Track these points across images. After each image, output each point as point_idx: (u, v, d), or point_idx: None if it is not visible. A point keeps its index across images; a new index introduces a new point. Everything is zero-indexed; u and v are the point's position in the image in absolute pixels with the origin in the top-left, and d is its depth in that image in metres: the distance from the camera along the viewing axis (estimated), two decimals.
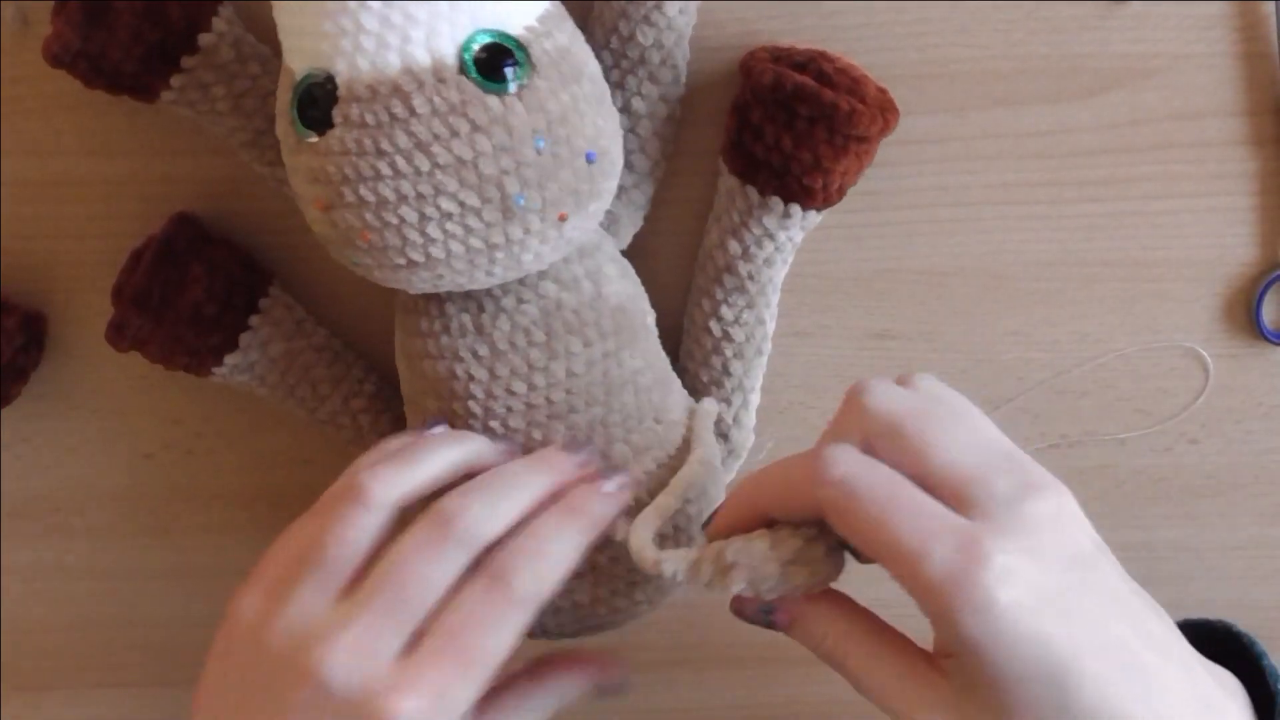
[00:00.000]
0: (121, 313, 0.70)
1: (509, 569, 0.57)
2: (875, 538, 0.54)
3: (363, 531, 0.58)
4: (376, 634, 0.55)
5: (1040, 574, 0.52)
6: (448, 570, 0.57)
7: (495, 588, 0.56)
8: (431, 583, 0.57)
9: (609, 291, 0.66)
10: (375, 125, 0.56)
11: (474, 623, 0.56)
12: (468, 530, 0.58)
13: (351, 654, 0.55)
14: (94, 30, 0.64)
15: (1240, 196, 0.73)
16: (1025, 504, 0.54)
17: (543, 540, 0.59)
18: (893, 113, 0.66)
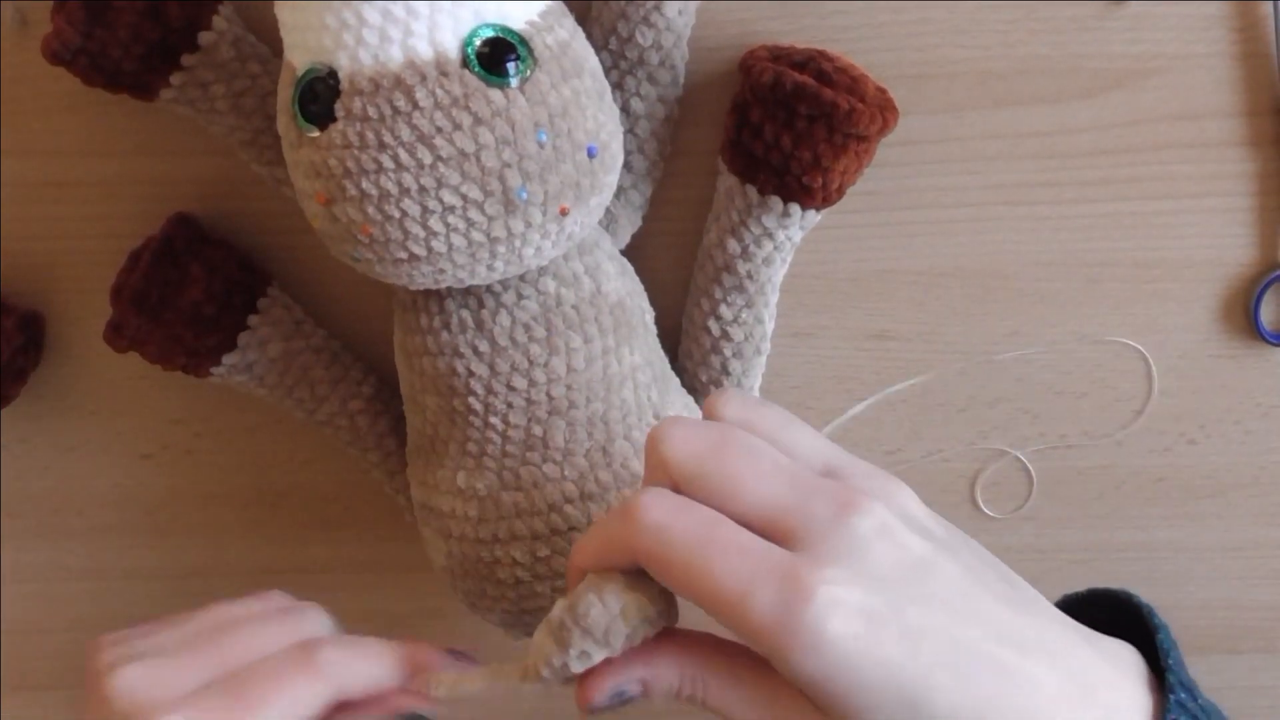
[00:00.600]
0: (120, 313, 0.70)
1: (324, 647, 0.56)
2: (694, 585, 0.51)
3: None
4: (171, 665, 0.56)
5: (871, 596, 0.50)
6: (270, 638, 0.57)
7: (303, 655, 0.56)
8: (250, 643, 0.57)
9: (608, 288, 0.66)
10: (377, 118, 0.57)
11: (267, 675, 0.55)
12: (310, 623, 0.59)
13: (146, 676, 0.55)
14: (94, 28, 0.64)
15: (1239, 197, 0.73)
16: (845, 524, 0.51)
17: (371, 654, 0.58)
18: (892, 112, 0.66)
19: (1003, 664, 0.51)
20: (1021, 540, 0.80)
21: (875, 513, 0.52)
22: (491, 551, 0.67)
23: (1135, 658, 0.57)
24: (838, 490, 0.53)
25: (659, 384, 0.69)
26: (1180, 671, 0.56)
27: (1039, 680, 0.51)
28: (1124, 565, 0.80)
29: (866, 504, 0.52)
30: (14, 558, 0.81)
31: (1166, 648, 0.56)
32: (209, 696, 0.55)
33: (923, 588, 0.51)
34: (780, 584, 0.49)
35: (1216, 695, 0.82)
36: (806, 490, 0.53)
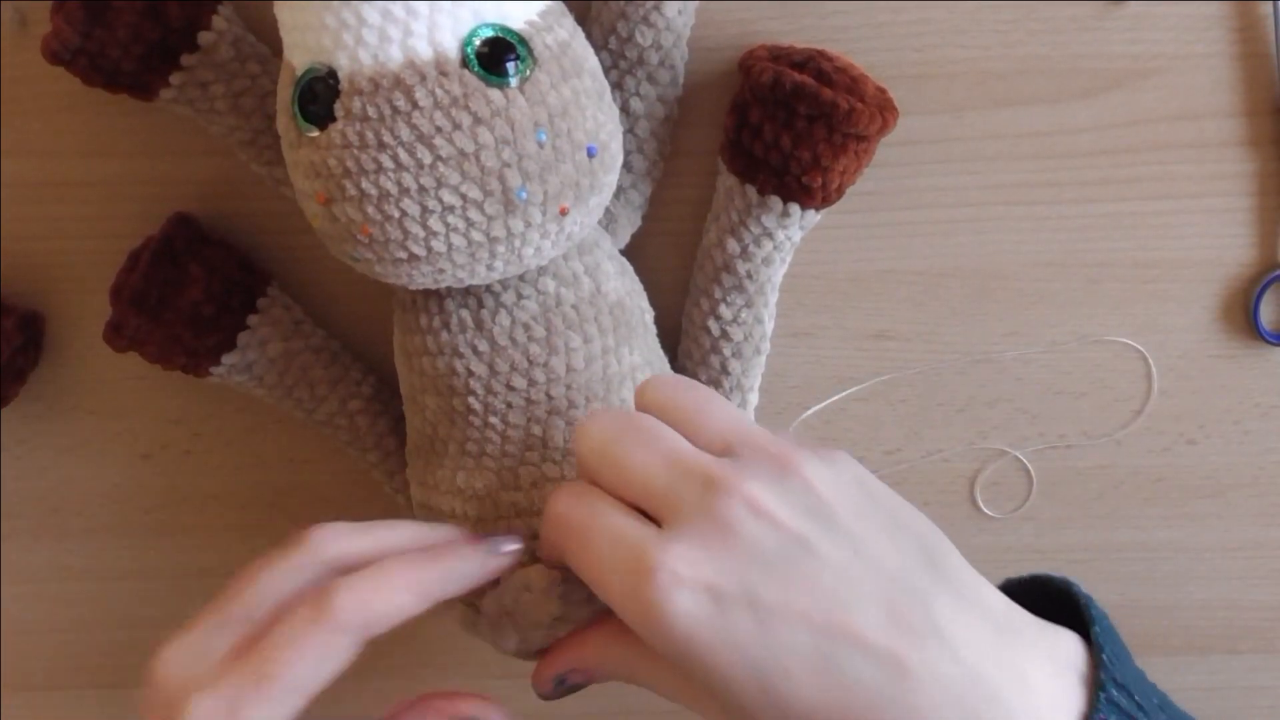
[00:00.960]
0: (119, 313, 0.70)
1: (336, 593, 0.55)
2: (580, 572, 0.55)
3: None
4: (205, 635, 0.56)
5: (722, 576, 0.51)
6: (283, 582, 0.56)
7: (316, 609, 0.55)
8: (264, 591, 0.56)
9: (608, 288, 0.66)
10: (377, 118, 0.57)
11: (283, 640, 0.54)
12: (314, 545, 0.57)
13: (181, 651, 0.55)
14: (93, 28, 0.64)
15: (1238, 197, 0.73)
16: (707, 506, 0.53)
17: (385, 575, 0.56)
18: (891, 112, 0.66)
19: (880, 655, 0.51)
20: (1021, 540, 0.80)
21: (743, 493, 0.53)
22: None
23: (1076, 649, 0.56)
24: (711, 471, 0.54)
25: None
26: (1117, 666, 0.55)
27: (928, 675, 0.51)
28: (1123, 565, 0.80)
29: (735, 484, 0.53)
30: (13, 558, 0.81)
31: (1101, 641, 0.56)
32: (234, 670, 0.54)
33: (790, 570, 0.52)
34: (629, 565, 0.52)
35: (1215, 695, 0.83)
36: (681, 472, 0.54)
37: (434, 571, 0.58)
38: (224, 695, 0.53)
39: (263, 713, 0.53)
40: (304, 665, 0.54)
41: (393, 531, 0.59)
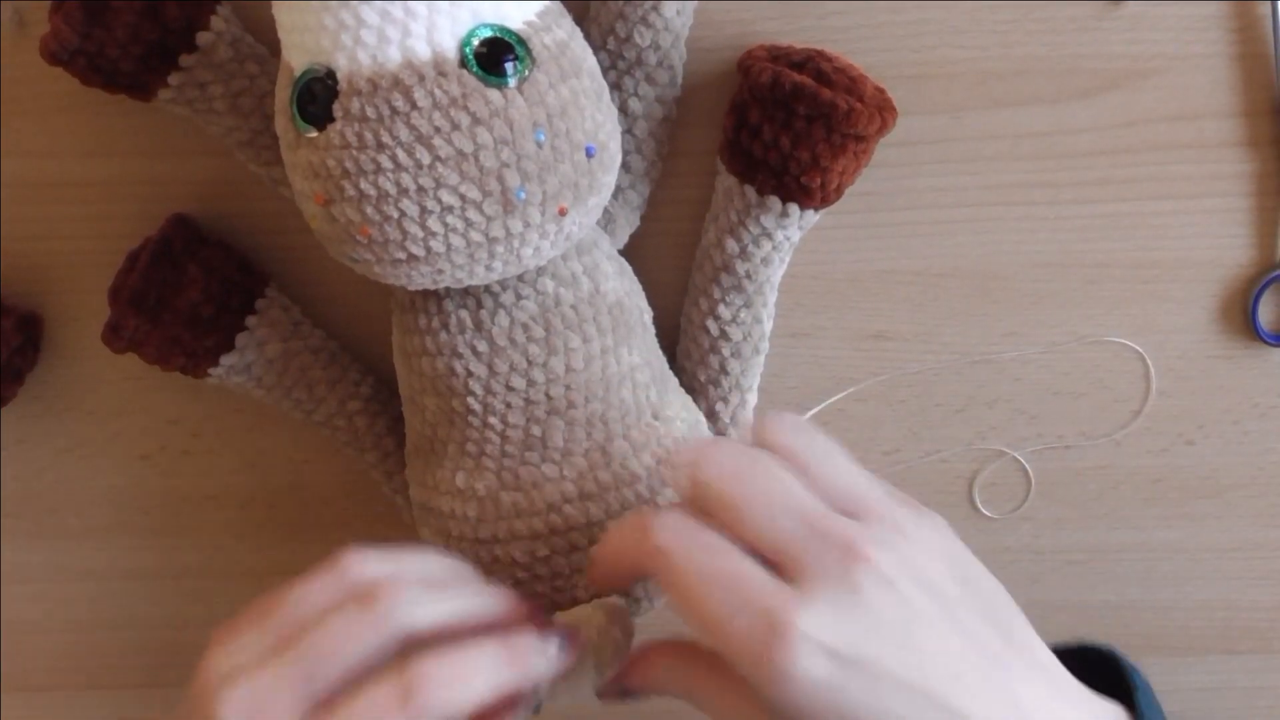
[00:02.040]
0: (118, 314, 0.70)
1: (424, 681, 0.54)
2: (686, 608, 0.54)
3: None
4: (275, 690, 0.54)
5: (847, 643, 0.52)
6: (359, 648, 0.55)
7: (404, 695, 0.53)
8: (340, 655, 0.54)
9: (607, 288, 0.66)
10: (376, 119, 0.57)
11: (359, 707, 0.53)
12: (390, 613, 0.55)
13: (247, 702, 0.53)
14: (92, 28, 0.64)
15: (1237, 198, 0.73)
16: (842, 570, 0.54)
17: (470, 665, 0.55)
18: (890, 112, 0.66)
19: None
20: (1019, 541, 0.80)
21: (876, 563, 0.54)
22: (491, 552, 0.67)
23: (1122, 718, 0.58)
24: (846, 534, 0.55)
25: (657, 384, 0.69)
26: None
27: None
28: (1122, 566, 0.80)
29: (870, 552, 0.54)
30: (12, 558, 0.81)
31: (1144, 708, 0.58)
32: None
33: (906, 640, 0.53)
34: (760, 617, 0.52)
35: (1214, 696, 0.83)
36: (816, 530, 0.55)
37: (511, 670, 0.57)
38: None
39: None
40: None
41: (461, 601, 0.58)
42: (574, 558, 0.66)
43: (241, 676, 0.54)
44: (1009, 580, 0.80)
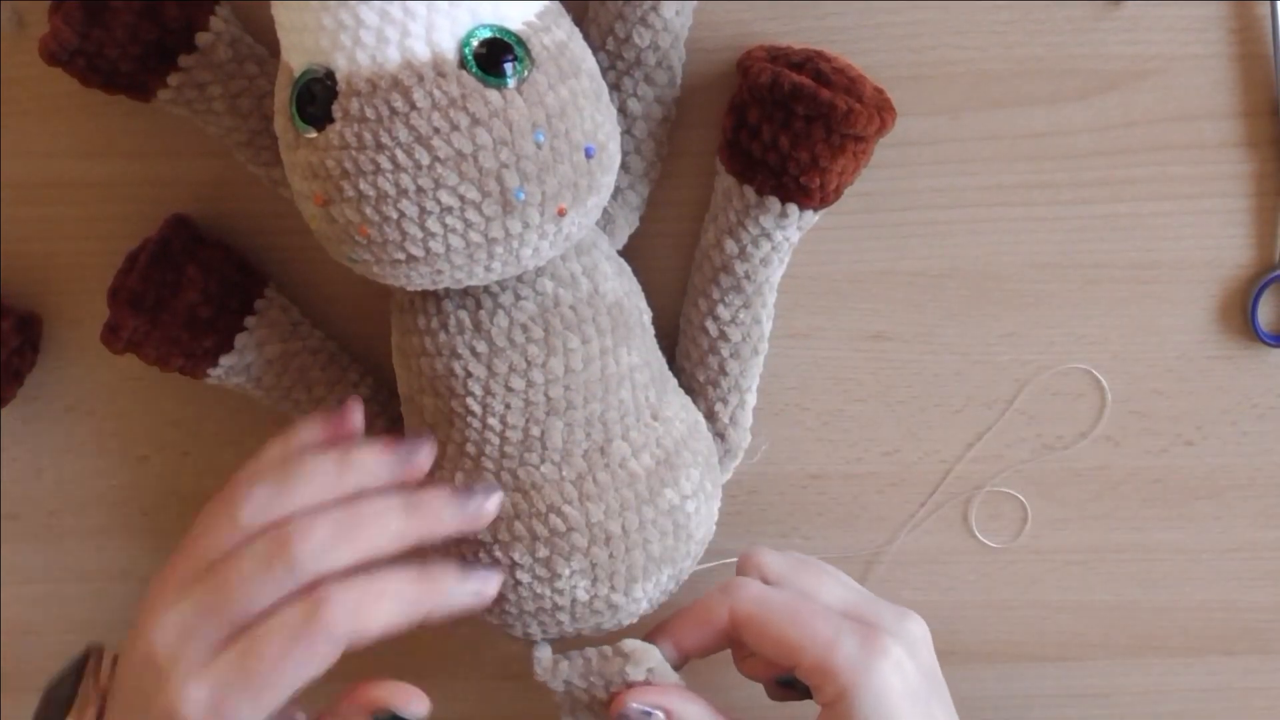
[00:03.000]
0: (117, 315, 0.70)
1: (329, 602, 0.58)
2: (787, 637, 0.65)
3: None
4: (196, 623, 0.59)
5: (915, 674, 0.65)
6: (271, 589, 0.59)
7: (308, 615, 0.58)
8: (253, 596, 0.59)
9: (606, 288, 0.66)
10: (375, 119, 0.57)
11: (272, 642, 0.58)
12: (302, 559, 0.59)
13: (173, 631, 0.59)
14: (91, 28, 0.64)
15: (1236, 198, 0.73)
16: (902, 624, 0.66)
17: (379, 592, 0.60)
18: (890, 112, 0.66)
19: None
20: (1018, 542, 0.80)
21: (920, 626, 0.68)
22: (491, 553, 0.67)
23: None
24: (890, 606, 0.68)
25: (657, 384, 0.69)
26: None
27: None
28: (1121, 566, 0.80)
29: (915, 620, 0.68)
30: (12, 559, 0.81)
31: None
32: (223, 664, 0.58)
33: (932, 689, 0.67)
34: (863, 639, 0.64)
35: (1213, 696, 0.83)
36: (867, 599, 0.69)
37: (425, 600, 0.62)
38: (213, 686, 0.57)
39: (247, 708, 0.58)
40: (289, 666, 0.58)
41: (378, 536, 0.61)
42: (574, 560, 0.66)
43: (169, 608, 0.60)
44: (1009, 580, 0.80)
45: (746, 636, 0.67)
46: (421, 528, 0.63)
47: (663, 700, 0.67)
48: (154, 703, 0.59)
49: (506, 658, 0.70)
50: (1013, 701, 0.83)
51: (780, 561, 0.70)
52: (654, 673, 0.68)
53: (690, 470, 0.69)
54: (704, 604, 0.69)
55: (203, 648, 0.59)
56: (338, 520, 0.61)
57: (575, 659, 0.69)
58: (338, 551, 0.60)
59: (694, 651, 0.70)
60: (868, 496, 0.79)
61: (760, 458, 0.78)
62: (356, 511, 0.61)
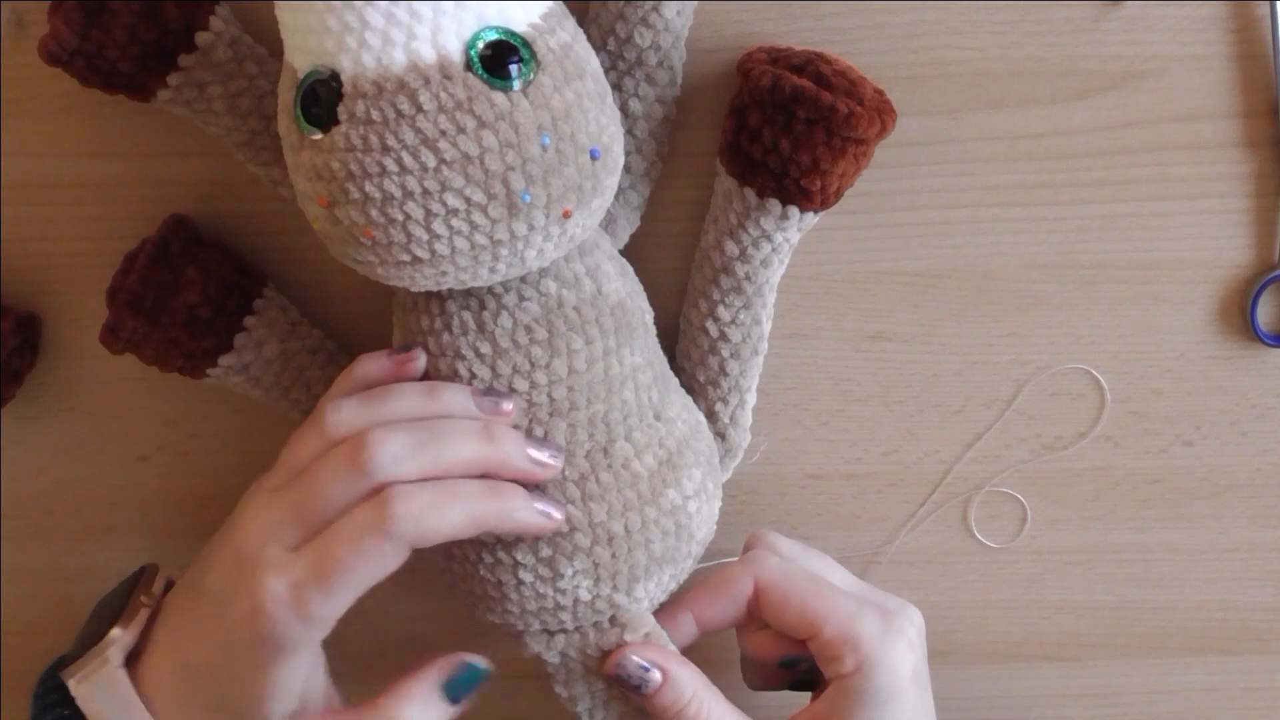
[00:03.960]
0: (116, 315, 0.70)
1: (394, 502, 0.60)
2: (810, 604, 0.69)
3: None
4: (279, 522, 0.62)
5: (920, 659, 0.70)
6: (346, 490, 0.61)
7: (376, 514, 0.60)
8: (330, 497, 0.62)
9: (609, 289, 0.66)
10: (381, 121, 0.56)
11: (342, 537, 0.60)
12: (377, 463, 0.61)
13: (261, 531, 0.62)
14: (91, 29, 0.64)
15: (1235, 199, 0.73)
16: (907, 612, 0.70)
17: (445, 496, 0.62)
18: (890, 114, 0.66)
19: None
20: (1017, 542, 0.80)
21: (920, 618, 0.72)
22: (493, 553, 0.67)
23: None
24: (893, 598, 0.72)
25: (659, 384, 0.69)
26: None
27: None
28: (1120, 567, 0.80)
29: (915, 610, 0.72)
30: (12, 559, 0.81)
31: None
32: (301, 561, 0.61)
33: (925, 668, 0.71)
34: (883, 616, 0.69)
35: (1212, 696, 0.83)
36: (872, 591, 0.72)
37: (492, 510, 0.63)
38: (289, 580, 0.60)
39: (321, 602, 0.60)
40: (360, 565, 0.60)
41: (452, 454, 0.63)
42: (576, 559, 0.66)
43: (259, 510, 0.64)
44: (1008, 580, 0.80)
45: (768, 606, 0.70)
46: (496, 455, 0.64)
47: (660, 659, 0.69)
48: (238, 597, 0.61)
49: (507, 658, 0.70)
50: (1012, 701, 0.83)
51: (791, 544, 0.74)
52: (650, 637, 0.70)
53: (692, 470, 0.69)
54: (725, 575, 0.71)
55: (285, 545, 0.62)
56: (416, 431, 0.62)
57: (571, 632, 0.70)
58: (412, 460, 0.62)
59: (712, 623, 0.72)
60: (868, 496, 0.79)
61: (760, 458, 0.78)
62: (436, 427, 0.63)
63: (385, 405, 0.64)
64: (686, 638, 0.72)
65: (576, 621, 0.69)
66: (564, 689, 0.72)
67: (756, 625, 0.72)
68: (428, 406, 0.65)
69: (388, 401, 0.64)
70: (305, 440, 0.65)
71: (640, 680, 0.68)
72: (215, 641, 0.63)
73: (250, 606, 0.61)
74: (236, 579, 0.62)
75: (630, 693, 0.69)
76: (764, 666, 0.73)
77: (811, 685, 0.73)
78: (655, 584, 0.69)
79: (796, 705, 0.71)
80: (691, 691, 0.68)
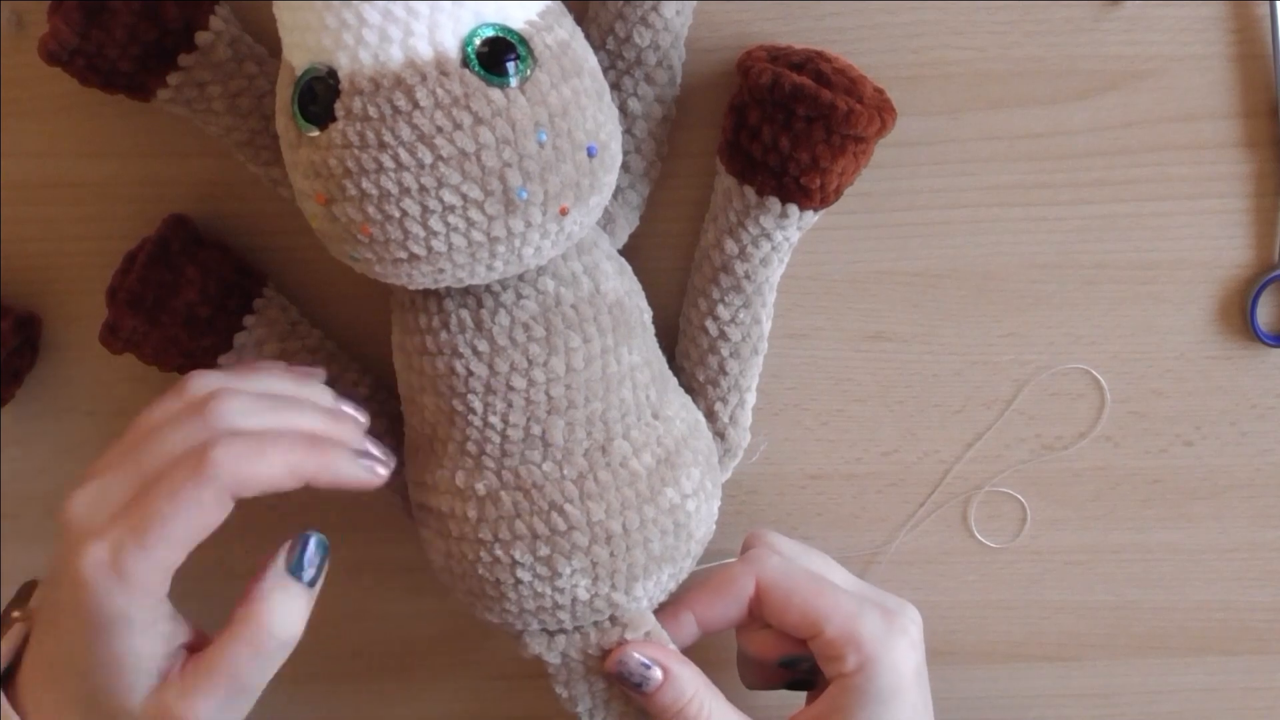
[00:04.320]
0: (115, 315, 0.70)
1: (214, 448, 0.58)
2: (813, 605, 0.68)
3: None
4: (108, 484, 0.60)
5: (920, 658, 0.70)
6: (179, 444, 0.60)
7: (194, 464, 0.58)
8: (162, 454, 0.60)
9: (607, 288, 0.66)
10: (378, 118, 0.57)
11: (160, 490, 0.58)
12: (216, 420, 0.60)
13: (85, 497, 0.60)
14: (91, 28, 0.64)
15: (1235, 199, 0.73)
16: (907, 611, 0.70)
17: (266, 443, 0.60)
18: (890, 113, 0.66)
19: None
20: (1017, 542, 0.80)
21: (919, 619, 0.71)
22: (491, 552, 0.67)
23: None
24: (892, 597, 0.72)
25: (657, 383, 0.69)
26: None
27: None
28: (1120, 567, 0.80)
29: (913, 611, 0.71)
30: (12, 559, 0.81)
31: None
32: (120, 520, 0.58)
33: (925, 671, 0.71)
34: (884, 615, 0.69)
35: (1212, 696, 0.83)
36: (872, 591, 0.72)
37: (312, 461, 0.61)
38: (109, 542, 0.58)
39: (141, 563, 0.57)
40: (179, 517, 0.58)
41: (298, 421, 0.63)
42: (575, 558, 0.66)
43: (93, 478, 0.60)
44: (1008, 580, 0.80)
45: (769, 606, 0.70)
46: (332, 436, 0.63)
47: (661, 657, 0.69)
48: (65, 568, 0.59)
49: (507, 658, 0.70)
50: (1012, 701, 0.83)
51: (790, 543, 0.73)
52: (651, 635, 0.70)
53: (691, 469, 0.69)
54: (726, 574, 0.71)
55: (110, 509, 0.59)
56: (260, 399, 0.62)
57: (572, 632, 0.70)
58: (254, 418, 0.61)
59: (713, 623, 0.71)
60: (868, 496, 0.79)
61: (760, 458, 0.78)
62: (283, 399, 0.63)
63: (248, 378, 0.64)
64: (687, 638, 0.72)
65: (575, 621, 0.69)
66: (564, 689, 0.72)
67: (757, 625, 0.71)
68: (288, 388, 0.64)
69: (252, 376, 0.64)
70: (161, 403, 0.63)
71: (641, 678, 0.68)
72: (64, 630, 0.60)
73: (73, 579, 0.58)
74: (64, 551, 0.59)
75: (631, 691, 0.69)
76: (763, 666, 0.73)
77: (809, 685, 0.73)
78: (654, 583, 0.69)
79: (796, 705, 0.72)
80: (692, 691, 0.68)
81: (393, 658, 0.81)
